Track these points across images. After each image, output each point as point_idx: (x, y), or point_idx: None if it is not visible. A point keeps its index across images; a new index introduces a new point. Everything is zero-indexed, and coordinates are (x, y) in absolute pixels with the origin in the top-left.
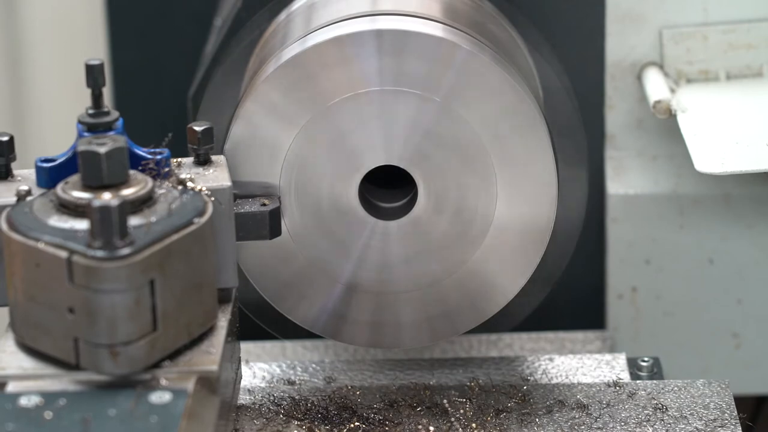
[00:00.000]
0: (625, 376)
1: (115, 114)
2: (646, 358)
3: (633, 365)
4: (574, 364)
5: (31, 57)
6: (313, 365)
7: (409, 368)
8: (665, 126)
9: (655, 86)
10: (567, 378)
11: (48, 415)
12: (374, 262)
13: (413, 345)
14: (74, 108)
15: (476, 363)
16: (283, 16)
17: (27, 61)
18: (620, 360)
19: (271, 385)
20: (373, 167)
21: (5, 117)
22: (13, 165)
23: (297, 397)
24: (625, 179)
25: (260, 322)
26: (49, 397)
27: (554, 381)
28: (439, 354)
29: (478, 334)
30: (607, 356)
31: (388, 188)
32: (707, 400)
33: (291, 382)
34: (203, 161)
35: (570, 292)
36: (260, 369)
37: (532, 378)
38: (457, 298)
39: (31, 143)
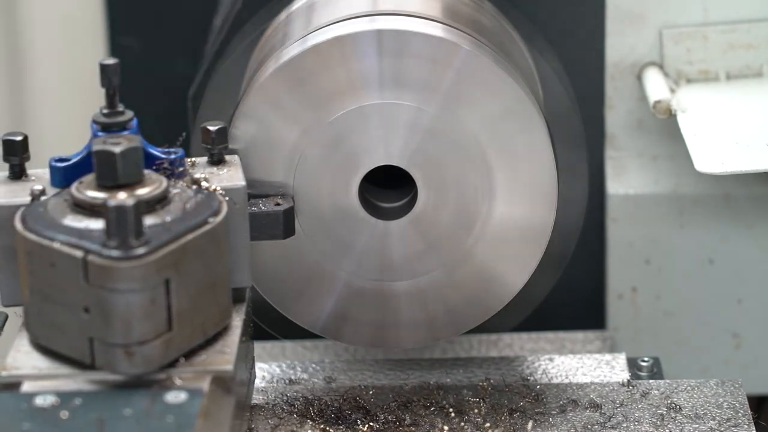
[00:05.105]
0: (625, 376)
1: (129, 114)
2: (646, 358)
3: (633, 365)
4: (574, 364)
5: (31, 57)
6: (313, 365)
7: (409, 368)
8: (665, 126)
9: (655, 86)
10: (567, 378)
11: (64, 414)
12: (374, 262)
13: (414, 345)
14: (74, 108)
15: (476, 363)
16: (283, 16)
17: (26, 61)
18: (620, 360)
19: (285, 385)
20: (373, 167)
21: (5, 117)
22: None
23: (310, 397)
24: (625, 179)
25: (260, 322)
26: (64, 397)
27: (554, 381)
28: (439, 354)
29: (478, 334)
30: (607, 356)
31: (388, 188)
32: (720, 400)
33: (293, 382)
34: (217, 161)
35: (570, 292)
36: (260, 369)
37: (532, 378)
38: (458, 297)
39: (31, 143)
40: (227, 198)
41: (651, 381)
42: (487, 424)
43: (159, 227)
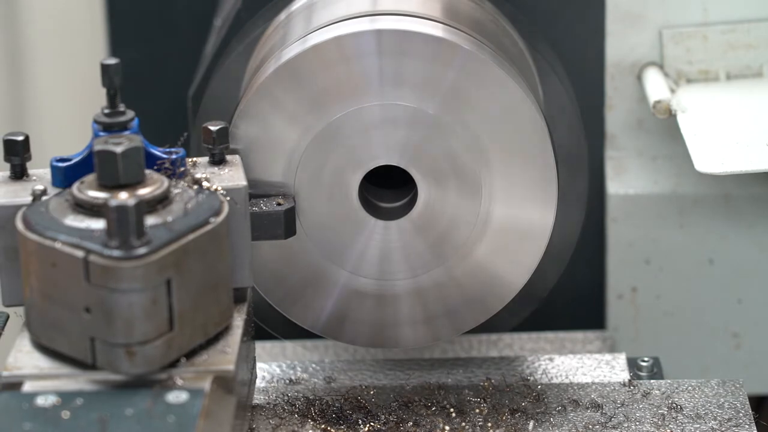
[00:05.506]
0: (626, 376)
1: (130, 113)
2: (646, 358)
3: (633, 365)
4: (574, 364)
5: (31, 57)
6: (313, 365)
7: (409, 368)
8: (665, 126)
9: (655, 86)
10: (567, 378)
11: (65, 414)
12: (374, 262)
13: (414, 345)
14: (75, 108)
15: (476, 363)
16: (283, 16)
17: (27, 61)
18: (620, 360)
19: (286, 385)
20: (374, 167)
21: (5, 117)
22: None
23: (311, 397)
24: (625, 179)
25: (260, 322)
26: (66, 397)
27: (555, 381)
28: (439, 354)
29: (478, 334)
30: (607, 356)
31: (388, 188)
32: (721, 400)
33: (293, 382)
34: (218, 161)
35: (570, 292)
36: (260, 369)
37: (532, 378)
38: (458, 297)
39: (32, 143)
40: (228, 198)
41: (652, 381)
42: (489, 424)
43: (160, 227)
